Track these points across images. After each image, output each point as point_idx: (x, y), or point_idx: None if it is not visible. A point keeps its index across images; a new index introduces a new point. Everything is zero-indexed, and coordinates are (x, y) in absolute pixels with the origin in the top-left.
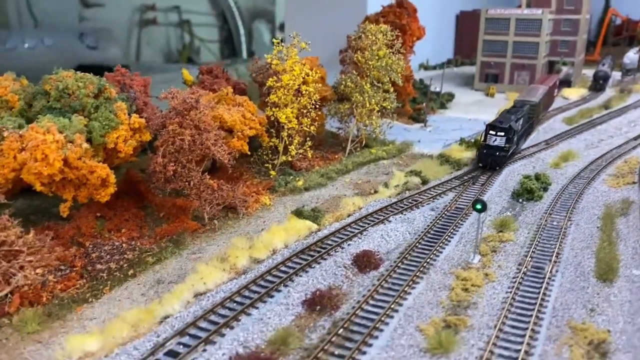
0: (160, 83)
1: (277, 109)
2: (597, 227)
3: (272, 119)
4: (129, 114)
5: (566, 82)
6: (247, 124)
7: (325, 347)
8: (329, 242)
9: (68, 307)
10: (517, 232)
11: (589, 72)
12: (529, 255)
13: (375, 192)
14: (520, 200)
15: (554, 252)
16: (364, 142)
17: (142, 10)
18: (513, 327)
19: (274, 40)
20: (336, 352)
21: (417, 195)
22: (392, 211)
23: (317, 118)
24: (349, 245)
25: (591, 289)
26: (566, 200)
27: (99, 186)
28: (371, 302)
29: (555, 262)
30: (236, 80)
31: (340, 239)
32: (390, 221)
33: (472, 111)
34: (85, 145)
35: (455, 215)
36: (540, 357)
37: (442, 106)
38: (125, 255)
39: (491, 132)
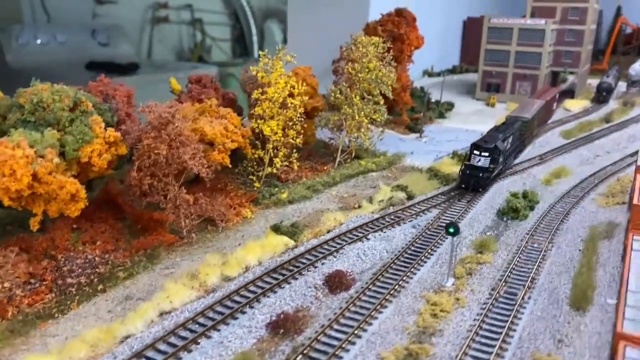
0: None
1: (262, 121)
2: (579, 250)
3: (257, 131)
4: (110, 126)
5: (570, 92)
6: (229, 137)
7: None
8: (303, 260)
9: (32, 323)
10: (496, 253)
11: (595, 82)
12: (503, 280)
13: (359, 206)
14: (505, 219)
15: (529, 276)
16: (354, 154)
17: (154, 8)
18: (474, 357)
19: (261, 52)
20: None
21: (400, 211)
22: (372, 228)
23: (302, 131)
24: (322, 264)
25: (563, 317)
26: (551, 220)
27: (68, 201)
28: (336, 326)
29: (529, 287)
30: (225, 91)
31: (315, 257)
32: (368, 239)
33: (472, 121)
34: (57, 160)
35: (435, 234)
36: None
37: (441, 116)
38: (97, 270)
39: (475, 151)
